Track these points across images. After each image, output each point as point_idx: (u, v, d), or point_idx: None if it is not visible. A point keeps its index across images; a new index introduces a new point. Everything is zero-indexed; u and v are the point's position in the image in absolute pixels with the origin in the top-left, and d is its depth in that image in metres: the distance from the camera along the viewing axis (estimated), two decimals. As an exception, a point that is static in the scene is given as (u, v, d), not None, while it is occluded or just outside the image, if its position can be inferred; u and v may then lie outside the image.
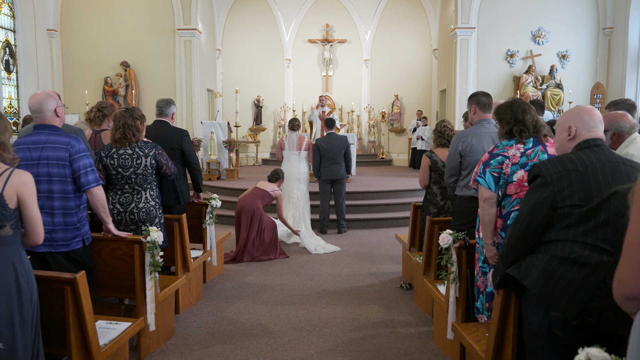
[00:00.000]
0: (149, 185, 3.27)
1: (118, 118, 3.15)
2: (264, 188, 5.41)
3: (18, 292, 1.88)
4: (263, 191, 5.38)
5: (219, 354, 3.03)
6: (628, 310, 1.08)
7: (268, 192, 5.38)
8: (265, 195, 5.36)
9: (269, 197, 5.39)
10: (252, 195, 5.34)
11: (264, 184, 5.49)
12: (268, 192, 5.39)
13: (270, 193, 5.40)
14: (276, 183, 5.56)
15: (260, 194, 5.35)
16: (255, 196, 5.32)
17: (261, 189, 5.41)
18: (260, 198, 5.31)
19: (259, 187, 5.44)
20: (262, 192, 5.37)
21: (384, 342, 3.22)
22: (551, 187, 1.77)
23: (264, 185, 5.48)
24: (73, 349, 2.13)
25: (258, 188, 5.43)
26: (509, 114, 2.43)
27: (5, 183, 1.85)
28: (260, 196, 5.32)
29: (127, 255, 2.88)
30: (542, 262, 1.74)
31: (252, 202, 5.23)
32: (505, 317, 2.05)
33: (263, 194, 5.36)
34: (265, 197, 5.35)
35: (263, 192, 5.37)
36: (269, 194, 5.39)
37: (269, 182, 5.56)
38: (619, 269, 1.06)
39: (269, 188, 5.43)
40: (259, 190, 5.39)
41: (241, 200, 5.35)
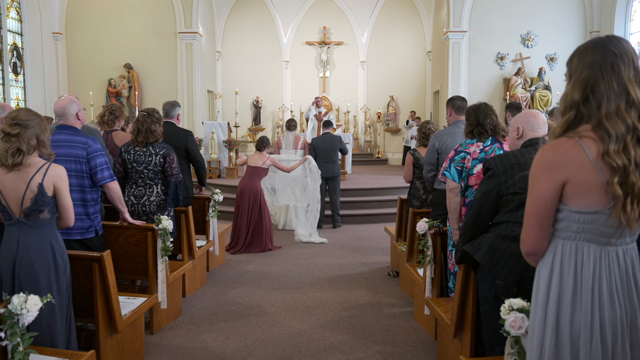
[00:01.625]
0: (160, 181, 3.63)
1: (141, 122, 3.51)
2: (256, 165, 5.60)
3: (55, 265, 2.25)
4: (256, 168, 5.58)
5: (222, 330, 3.40)
6: (531, 263, 1.46)
7: (260, 167, 5.59)
8: (260, 171, 5.59)
9: (264, 171, 5.61)
10: (248, 177, 5.57)
11: (254, 160, 5.65)
12: (260, 166, 5.59)
13: (263, 167, 5.60)
14: (265, 151, 5.71)
15: (256, 172, 5.57)
16: (251, 176, 5.55)
17: (254, 167, 5.60)
18: (257, 176, 5.55)
19: (251, 165, 5.62)
20: (255, 169, 5.58)
21: (369, 320, 3.59)
22: (498, 178, 2.14)
23: (255, 161, 5.63)
24: (100, 317, 2.50)
25: (251, 167, 5.62)
26: (473, 116, 2.81)
27: (44, 175, 2.22)
28: (256, 174, 5.56)
29: (141, 241, 3.24)
30: (489, 239, 2.12)
31: (252, 183, 5.49)
32: (466, 288, 2.42)
33: (257, 171, 5.57)
34: (260, 173, 5.59)
35: (256, 169, 5.58)
36: (262, 168, 5.60)
37: (258, 152, 5.70)
38: (522, 233, 1.43)
39: (259, 162, 5.60)
40: (252, 169, 5.60)
41: (241, 183, 5.61)
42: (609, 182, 1.25)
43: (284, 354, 3.04)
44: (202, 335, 3.32)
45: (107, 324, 2.55)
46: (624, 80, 1.27)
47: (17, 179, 2.18)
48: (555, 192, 1.32)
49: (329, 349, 3.11)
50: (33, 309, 1.74)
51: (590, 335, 1.31)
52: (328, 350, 3.10)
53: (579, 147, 1.28)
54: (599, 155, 1.26)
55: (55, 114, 2.93)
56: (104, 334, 2.54)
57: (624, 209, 1.24)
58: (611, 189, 1.25)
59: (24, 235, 2.20)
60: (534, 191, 1.36)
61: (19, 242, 2.19)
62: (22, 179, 2.18)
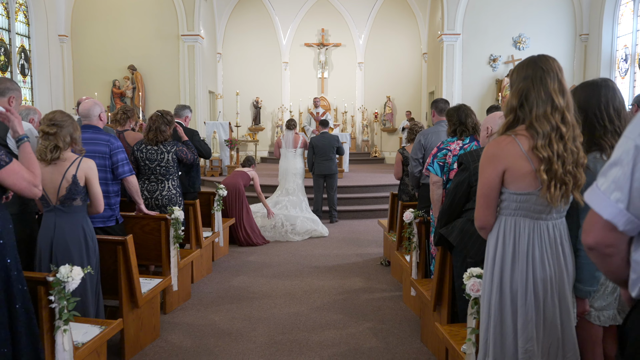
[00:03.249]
0: (171, 177, 3.99)
1: (153, 121, 3.87)
2: (241, 170, 6.17)
3: (86, 246, 2.60)
4: (241, 172, 6.11)
5: (228, 310, 3.75)
6: (483, 236, 1.81)
7: (245, 172, 6.11)
8: (244, 175, 6.08)
9: (247, 177, 6.10)
10: (232, 176, 6.06)
11: (240, 169, 6.25)
12: (245, 171, 6.12)
13: (247, 172, 6.13)
14: (250, 167, 6.29)
15: (239, 174, 6.07)
16: (235, 176, 6.03)
17: (239, 171, 6.16)
18: (240, 177, 6.02)
19: (237, 170, 6.21)
20: (240, 173, 6.10)
21: (362, 302, 3.95)
22: (469, 171, 2.49)
23: (240, 169, 6.22)
24: (123, 293, 2.85)
25: (236, 171, 6.19)
26: (454, 117, 3.16)
27: (77, 167, 2.58)
28: (240, 176, 6.03)
29: (155, 230, 3.60)
30: (460, 223, 2.47)
31: (234, 181, 5.94)
32: (443, 267, 2.77)
33: (241, 174, 6.07)
34: (244, 176, 6.06)
35: (241, 172, 6.10)
36: (246, 173, 6.11)
37: (243, 167, 6.33)
38: (475, 212, 1.78)
39: (244, 169, 6.18)
40: (237, 172, 6.14)
41: (224, 182, 6.02)
42: (538, 169, 1.61)
43: (284, 330, 3.40)
44: (210, 315, 3.67)
45: (129, 299, 2.91)
46: (549, 91, 1.62)
47: (54, 172, 2.53)
48: (498, 178, 1.68)
49: (325, 325, 3.47)
50: (77, 278, 2.09)
51: (525, 290, 1.67)
52: (324, 326, 3.45)
53: (515, 143, 1.64)
54: (530, 149, 1.62)
55: (80, 115, 3.28)
56: (127, 308, 2.89)
57: (549, 190, 1.60)
58: (539, 175, 1.60)
59: (60, 220, 2.55)
60: (482, 178, 1.72)
61: (55, 226, 2.55)
62: (58, 171, 2.53)
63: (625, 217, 0.94)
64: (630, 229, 0.95)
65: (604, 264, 1.03)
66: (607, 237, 0.98)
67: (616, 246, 0.98)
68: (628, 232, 0.96)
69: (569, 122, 1.63)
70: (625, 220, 0.95)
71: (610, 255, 1.00)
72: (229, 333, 3.34)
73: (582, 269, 1.74)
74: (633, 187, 0.92)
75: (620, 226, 0.95)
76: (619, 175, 0.94)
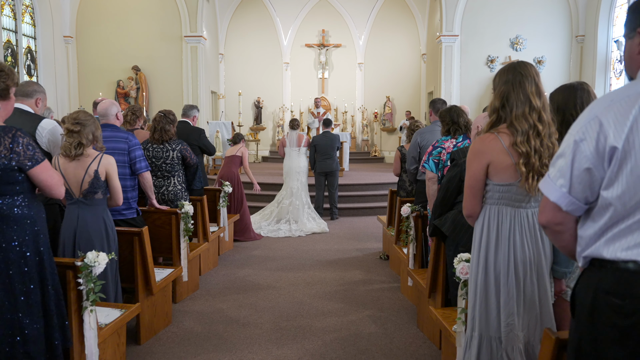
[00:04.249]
0: (176, 173, 4.20)
1: (157, 121, 4.08)
2: (232, 154, 6.28)
3: (107, 236, 2.81)
4: (232, 157, 6.24)
5: (235, 300, 3.96)
6: (470, 223, 2.02)
7: (235, 155, 6.24)
8: (235, 159, 6.22)
9: (238, 158, 6.24)
10: (226, 166, 6.20)
11: (231, 151, 6.36)
12: (235, 154, 6.25)
13: (237, 155, 6.25)
14: (240, 143, 6.41)
15: (231, 160, 6.21)
16: (228, 165, 6.18)
17: (229, 156, 6.29)
18: (232, 164, 6.17)
19: (227, 155, 6.33)
20: (231, 158, 6.23)
21: (361, 292, 4.16)
22: (460, 167, 2.69)
23: (231, 152, 6.33)
24: (139, 281, 3.06)
25: (227, 157, 6.31)
26: (447, 117, 3.37)
27: (99, 163, 2.78)
28: (232, 162, 6.19)
29: (165, 223, 3.80)
30: (453, 215, 2.67)
31: (229, 170, 6.08)
32: (437, 256, 2.97)
33: (233, 159, 6.21)
34: (235, 160, 6.21)
35: (232, 157, 6.23)
36: (237, 156, 6.24)
37: (234, 144, 6.45)
38: (463, 201, 1.99)
39: (234, 151, 6.29)
40: (229, 158, 6.28)
41: (219, 172, 6.19)
42: (517, 163, 1.82)
43: (288, 317, 3.60)
44: (218, 304, 3.88)
45: (144, 287, 3.11)
46: (527, 93, 1.83)
47: (77, 167, 2.74)
48: (482, 171, 1.88)
49: (326, 313, 3.68)
50: (102, 263, 2.29)
51: (507, 271, 1.88)
52: (326, 314, 3.66)
53: (497, 140, 1.85)
54: (510, 145, 1.83)
55: (98, 114, 3.48)
56: (142, 295, 3.10)
57: (527, 181, 1.81)
58: (518, 167, 1.81)
59: (82, 212, 2.76)
60: (469, 171, 1.93)
61: (78, 217, 2.75)
62: (81, 166, 2.74)
63: (568, 199, 1.16)
64: (573, 209, 1.17)
65: (556, 239, 1.25)
66: (556, 216, 1.19)
67: (564, 224, 1.20)
68: (572, 212, 1.18)
69: (545, 121, 1.84)
70: (568, 202, 1.16)
71: (560, 232, 1.22)
72: (236, 320, 3.54)
73: (558, 252, 1.95)
74: (573, 175, 1.14)
75: (564, 207, 1.17)
76: (563, 165, 1.16)
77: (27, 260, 1.92)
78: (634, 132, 1.08)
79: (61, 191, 2.17)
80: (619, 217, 1.12)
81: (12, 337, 1.89)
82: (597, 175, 1.13)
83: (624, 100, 1.12)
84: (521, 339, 1.87)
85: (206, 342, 3.17)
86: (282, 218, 6.80)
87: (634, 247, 1.09)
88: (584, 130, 1.14)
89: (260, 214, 7.07)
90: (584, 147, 1.13)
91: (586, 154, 1.13)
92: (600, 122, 1.12)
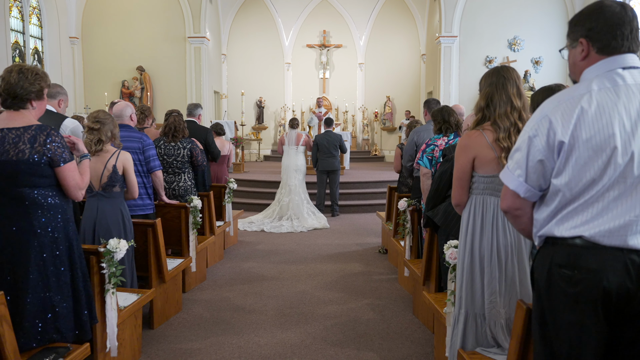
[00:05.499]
0: (187, 170, 4.41)
1: (171, 122, 4.28)
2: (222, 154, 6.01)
3: (124, 226, 3.02)
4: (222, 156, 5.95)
5: (241, 290, 4.17)
6: (458, 212, 2.22)
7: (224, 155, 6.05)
8: (224, 158, 6.04)
9: (225, 156, 6.08)
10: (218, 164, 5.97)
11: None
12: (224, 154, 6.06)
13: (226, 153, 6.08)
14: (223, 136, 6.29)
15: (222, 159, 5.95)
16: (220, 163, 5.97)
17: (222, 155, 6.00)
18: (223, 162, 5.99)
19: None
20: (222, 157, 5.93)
21: (361, 283, 4.37)
22: (451, 162, 2.89)
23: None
24: (152, 269, 3.27)
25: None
26: (439, 116, 3.58)
27: (117, 158, 3.00)
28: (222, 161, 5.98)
29: (175, 217, 4.01)
30: (444, 206, 2.88)
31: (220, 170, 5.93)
32: (431, 246, 3.18)
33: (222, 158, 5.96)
34: (223, 159, 6.03)
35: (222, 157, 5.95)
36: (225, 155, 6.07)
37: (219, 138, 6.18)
38: (451, 192, 2.19)
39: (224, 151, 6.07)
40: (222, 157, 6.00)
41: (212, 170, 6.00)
42: (500, 157, 2.02)
43: (292, 305, 3.81)
44: (225, 293, 4.09)
45: (157, 275, 3.33)
46: (509, 94, 2.04)
47: (97, 162, 2.95)
48: (469, 164, 2.09)
49: (328, 301, 3.89)
50: (123, 249, 2.50)
51: (491, 254, 2.09)
52: (327, 302, 3.87)
53: (482, 136, 2.05)
54: (494, 140, 2.04)
55: (114, 115, 3.68)
56: (155, 283, 3.31)
57: (508, 173, 2.01)
58: (501, 161, 2.02)
59: (102, 204, 2.97)
60: (457, 164, 2.14)
61: (97, 208, 2.97)
62: (100, 162, 2.95)
63: (524, 187, 1.38)
64: (529, 195, 1.39)
65: (516, 223, 1.47)
66: (515, 202, 1.42)
67: (522, 209, 1.42)
68: (528, 198, 1.40)
69: (525, 120, 2.04)
70: (525, 189, 1.38)
71: (519, 217, 1.44)
72: (242, 307, 3.76)
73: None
74: (528, 166, 1.36)
75: (522, 194, 1.39)
76: (519, 157, 1.38)
77: (59, 245, 2.13)
78: (578, 128, 1.29)
79: (78, 194, 2.21)
80: (567, 201, 1.33)
81: (45, 314, 2.10)
82: (549, 166, 1.35)
83: (569, 101, 1.32)
84: (503, 315, 2.08)
85: (215, 327, 3.38)
86: (284, 215, 7.00)
87: (580, 225, 1.30)
88: (537, 127, 1.36)
89: (263, 213, 7.28)
90: (537, 142, 1.34)
91: (539, 147, 1.34)
92: (550, 120, 1.33)
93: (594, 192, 1.29)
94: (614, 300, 1.26)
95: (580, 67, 1.40)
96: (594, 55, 1.37)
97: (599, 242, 1.28)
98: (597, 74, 1.35)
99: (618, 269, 1.26)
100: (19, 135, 2.02)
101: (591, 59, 1.38)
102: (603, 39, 1.34)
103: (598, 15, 1.35)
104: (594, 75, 1.35)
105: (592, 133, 1.28)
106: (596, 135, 1.28)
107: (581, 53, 1.39)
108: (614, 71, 1.33)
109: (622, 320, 1.29)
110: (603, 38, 1.34)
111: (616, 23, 1.33)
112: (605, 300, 1.27)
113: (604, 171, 1.28)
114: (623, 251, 1.26)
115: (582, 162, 1.29)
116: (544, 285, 1.37)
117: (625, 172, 1.26)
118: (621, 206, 1.27)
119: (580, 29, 1.39)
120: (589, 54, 1.38)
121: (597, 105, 1.29)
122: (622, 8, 1.34)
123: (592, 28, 1.36)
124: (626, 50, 1.34)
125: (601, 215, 1.28)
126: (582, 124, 1.29)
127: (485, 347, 2.12)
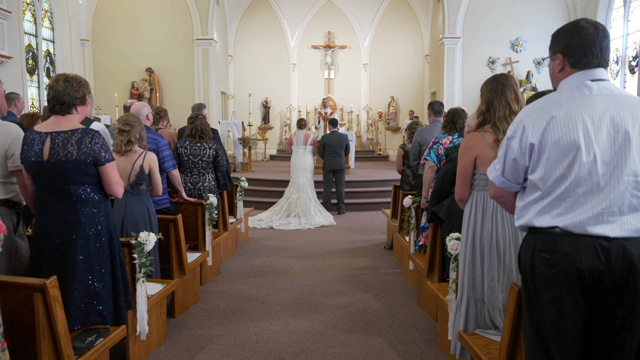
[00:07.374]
0: (211, 170, 4.63)
1: (198, 124, 4.49)
2: None
3: (150, 221, 3.25)
4: None
5: (254, 283, 4.40)
6: (461, 207, 2.44)
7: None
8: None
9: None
10: None
11: None
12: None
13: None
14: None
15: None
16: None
17: None
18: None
19: None
20: None
21: (367, 276, 4.59)
22: (454, 161, 3.11)
23: None
24: (174, 261, 3.50)
25: None
26: (450, 116, 3.80)
27: (144, 159, 3.23)
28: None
29: (192, 213, 4.24)
30: (448, 202, 3.09)
31: None
32: (435, 239, 3.39)
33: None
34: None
35: None
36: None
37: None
38: (455, 188, 2.41)
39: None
40: None
41: None
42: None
43: (303, 296, 4.04)
44: (239, 286, 4.32)
45: (178, 267, 3.56)
46: (508, 99, 2.26)
47: (126, 162, 3.18)
48: (471, 163, 2.31)
49: (337, 293, 4.11)
50: (152, 241, 2.73)
51: (490, 244, 2.30)
52: (336, 294, 4.10)
53: (483, 137, 2.27)
54: (494, 141, 2.25)
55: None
56: (177, 274, 3.54)
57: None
58: (499, 160, 2.23)
59: (130, 201, 3.20)
60: (460, 163, 2.35)
61: (126, 205, 3.20)
62: (129, 161, 3.19)
63: (500, 179, 1.64)
64: (505, 186, 1.65)
65: (504, 207, 1.76)
66: (497, 191, 1.68)
67: (504, 197, 1.67)
68: (505, 188, 1.66)
69: (521, 122, 2.25)
70: (500, 181, 1.64)
71: (503, 202, 1.72)
72: (256, 298, 3.99)
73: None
74: (505, 163, 1.61)
75: (497, 184, 1.65)
76: (500, 154, 1.64)
77: (101, 237, 2.36)
78: (548, 132, 1.52)
79: (119, 190, 2.42)
80: (542, 195, 1.56)
81: (89, 298, 2.33)
82: (521, 164, 1.59)
83: (542, 108, 1.56)
84: (500, 300, 2.29)
85: (232, 316, 3.61)
86: (292, 212, 7.22)
87: (555, 217, 1.53)
88: (514, 130, 1.61)
89: (271, 210, 7.50)
90: (513, 143, 1.59)
91: (513, 148, 1.59)
92: (524, 125, 1.57)
93: (564, 188, 1.51)
94: (587, 279, 1.49)
95: (558, 78, 1.63)
96: (568, 68, 1.59)
97: (572, 231, 1.50)
98: (570, 85, 1.57)
99: (589, 253, 1.48)
100: (67, 138, 2.25)
101: (566, 71, 1.60)
102: (576, 55, 1.57)
103: (573, 34, 1.57)
104: (567, 85, 1.58)
105: (560, 136, 1.50)
106: (563, 137, 1.50)
107: (558, 66, 1.62)
108: (583, 83, 1.55)
109: (596, 297, 1.51)
110: (576, 55, 1.57)
111: (588, 43, 1.55)
112: (579, 279, 1.49)
113: (570, 168, 1.50)
114: (593, 238, 1.48)
115: (552, 160, 1.52)
116: (529, 268, 1.59)
117: (591, 171, 1.49)
118: (590, 201, 1.49)
119: (558, 44, 1.61)
120: (564, 67, 1.60)
121: (565, 112, 1.51)
122: (595, 29, 1.56)
123: (567, 45, 1.58)
124: (596, 65, 1.56)
125: (573, 209, 1.51)
126: (552, 128, 1.52)
127: (484, 329, 2.33)
